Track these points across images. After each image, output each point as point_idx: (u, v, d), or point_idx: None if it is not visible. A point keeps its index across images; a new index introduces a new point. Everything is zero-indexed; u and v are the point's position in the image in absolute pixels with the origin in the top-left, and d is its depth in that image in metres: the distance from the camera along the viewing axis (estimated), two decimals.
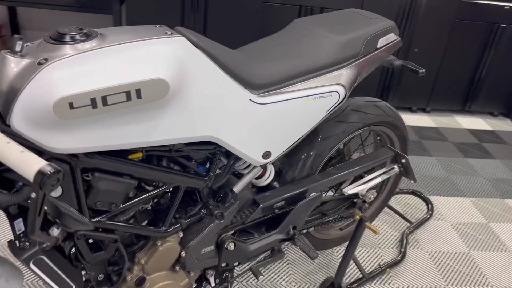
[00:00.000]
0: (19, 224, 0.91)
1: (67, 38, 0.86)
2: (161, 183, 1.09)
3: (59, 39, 0.86)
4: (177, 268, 1.22)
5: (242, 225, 1.32)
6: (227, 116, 1.07)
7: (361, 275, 1.77)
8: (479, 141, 3.06)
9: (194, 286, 1.37)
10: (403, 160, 1.60)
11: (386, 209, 2.22)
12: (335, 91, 1.23)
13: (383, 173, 1.61)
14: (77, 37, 0.87)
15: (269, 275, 1.77)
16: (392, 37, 1.37)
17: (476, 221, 2.23)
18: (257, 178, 1.37)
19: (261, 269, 1.74)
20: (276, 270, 1.80)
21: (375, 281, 1.80)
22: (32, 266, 0.91)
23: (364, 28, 1.30)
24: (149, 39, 0.91)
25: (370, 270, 1.82)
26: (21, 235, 0.92)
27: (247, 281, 1.73)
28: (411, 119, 3.28)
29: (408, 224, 2.12)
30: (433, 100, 3.31)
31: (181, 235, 1.19)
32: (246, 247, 1.31)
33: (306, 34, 1.28)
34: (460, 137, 3.09)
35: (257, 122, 1.13)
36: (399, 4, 2.91)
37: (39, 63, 0.82)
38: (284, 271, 1.80)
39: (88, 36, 0.88)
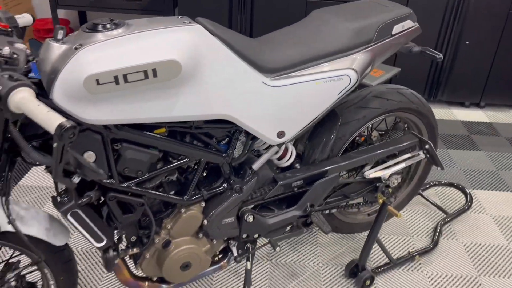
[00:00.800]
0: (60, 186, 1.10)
1: (99, 28, 1.03)
2: (183, 156, 1.23)
3: (93, 28, 1.03)
4: (200, 235, 1.35)
5: (262, 201, 1.43)
6: (241, 96, 1.19)
7: (388, 260, 1.81)
8: None
9: (220, 256, 1.50)
10: (427, 146, 1.62)
11: (422, 200, 2.22)
12: (346, 75, 1.30)
13: (407, 158, 1.65)
14: (107, 26, 1.03)
15: (299, 256, 1.86)
16: (408, 24, 1.41)
17: None
18: (279, 159, 1.47)
19: (280, 243, 1.83)
20: (305, 251, 1.88)
21: (403, 267, 1.83)
22: (69, 217, 1.09)
23: (378, 15, 1.37)
24: (168, 27, 1.06)
25: (399, 257, 1.85)
26: (62, 192, 1.10)
27: (277, 259, 1.83)
28: (462, 114, 3.20)
29: (444, 215, 2.10)
30: (487, 94, 3.19)
31: (203, 205, 1.32)
32: (264, 220, 1.42)
33: (321, 23, 1.37)
34: None
35: (270, 103, 1.24)
36: None
37: (75, 48, 0.99)
38: (313, 252, 1.88)
39: (116, 26, 1.05)
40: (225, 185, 1.35)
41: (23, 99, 0.79)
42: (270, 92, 1.23)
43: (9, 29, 1.06)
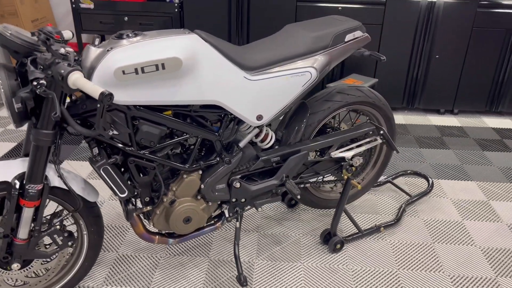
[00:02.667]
0: (95, 149, 1.50)
1: (124, 36, 1.46)
2: (184, 133, 1.63)
3: (119, 37, 1.46)
4: (199, 197, 1.74)
5: (248, 172, 1.82)
6: (228, 87, 1.60)
7: (357, 231, 2.18)
8: (501, 138, 3.29)
9: (215, 220, 1.88)
10: (381, 132, 2.01)
11: (392, 187, 2.59)
12: (308, 72, 1.71)
13: (367, 142, 2.04)
14: (129, 35, 1.46)
15: (283, 229, 2.23)
16: (358, 33, 1.83)
17: (477, 198, 2.52)
18: (262, 141, 1.87)
19: (267, 219, 2.20)
20: (288, 225, 2.25)
21: (369, 238, 2.19)
22: (101, 171, 1.49)
23: (333, 27, 1.79)
24: (173, 35, 1.48)
25: (367, 228, 2.21)
26: (96, 154, 1.50)
27: (264, 231, 2.20)
28: (437, 120, 3.58)
29: (408, 198, 2.47)
30: (459, 102, 3.59)
31: (201, 173, 1.72)
32: (249, 187, 1.80)
33: (290, 33, 1.79)
34: (483, 134, 3.34)
35: (250, 93, 1.65)
36: (418, 16, 3.30)
37: (107, 50, 1.41)
38: (295, 226, 2.25)
39: (136, 35, 1.47)
40: (218, 158, 1.74)
41: (77, 78, 1.20)
42: (250, 85, 1.64)
43: (60, 39, 1.48)
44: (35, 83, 1.23)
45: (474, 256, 2.07)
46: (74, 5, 3.35)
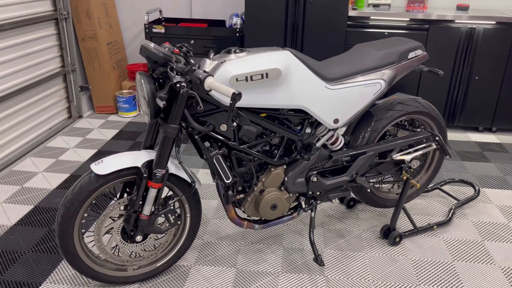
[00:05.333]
0: (206, 143, 1.83)
1: (232, 51, 1.80)
2: (273, 132, 1.95)
3: (228, 52, 1.80)
4: (282, 188, 2.04)
5: (322, 169, 2.12)
6: (311, 94, 1.92)
7: (412, 227, 2.43)
8: None
9: (292, 211, 2.17)
10: (437, 138, 2.29)
11: (441, 193, 2.84)
12: (378, 83, 2.02)
13: (423, 147, 2.32)
14: (237, 51, 1.80)
15: (345, 225, 2.50)
16: (419, 52, 2.14)
17: None
18: (332, 144, 2.17)
19: (329, 216, 2.47)
20: (350, 223, 2.52)
21: (424, 234, 2.43)
22: (214, 160, 1.81)
23: (398, 46, 2.10)
24: (271, 51, 1.82)
25: (421, 226, 2.46)
26: (208, 146, 1.83)
27: (329, 226, 2.47)
28: (476, 137, 3.82)
29: (457, 202, 2.71)
30: (497, 121, 3.83)
31: (285, 167, 2.02)
32: (324, 182, 2.10)
33: (361, 52, 2.11)
34: None
35: (329, 99, 1.96)
36: (458, 40, 3.59)
37: (221, 62, 1.75)
38: (356, 224, 2.52)
39: (242, 51, 1.81)
40: (299, 156, 2.05)
41: (212, 82, 1.53)
42: (329, 93, 1.96)
43: (180, 54, 1.83)
44: (178, 85, 1.57)
45: None
46: (147, 30, 3.77)
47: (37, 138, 3.48)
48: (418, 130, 2.40)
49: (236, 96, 1.48)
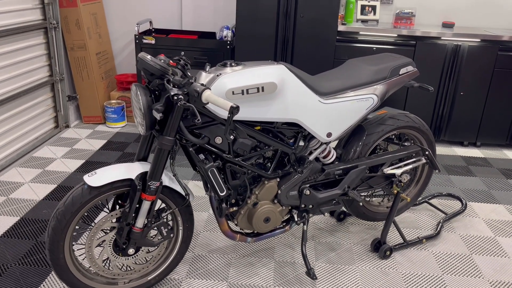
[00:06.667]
0: (200, 155, 1.83)
1: (228, 65, 1.81)
2: (267, 145, 1.96)
3: (224, 65, 1.81)
4: (275, 201, 2.05)
5: (315, 182, 2.13)
6: (306, 109, 1.93)
7: (402, 241, 2.45)
8: None
9: (284, 224, 2.17)
10: (427, 153, 2.33)
11: (429, 206, 2.87)
12: (371, 97, 2.05)
13: (413, 161, 2.35)
14: (233, 64, 1.81)
15: (336, 238, 2.51)
16: (410, 68, 2.18)
17: (506, 219, 2.79)
18: (324, 157, 2.19)
19: (319, 230, 2.49)
20: (340, 236, 2.53)
21: (414, 248, 2.46)
22: (209, 172, 1.80)
23: (390, 62, 2.14)
24: (266, 65, 1.83)
25: (410, 239, 2.48)
26: (203, 159, 1.82)
27: (319, 239, 2.48)
28: (461, 151, 3.89)
29: (444, 215, 2.75)
30: (481, 136, 3.91)
31: (278, 180, 2.03)
32: (317, 195, 2.11)
33: (354, 67, 2.15)
34: (506, 165, 3.64)
35: (322, 113, 1.98)
36: (444, 57, 3.68)
37: (217, 75, 1.76)
38: (347, 237, 2.53)
39: (238, 64, 1.82)
40: (292, 169, 2.06)
41: (209, 95, 1.54)
42: (323, 107, 1.98)
43: (177, 66, 1.83)
44: (175, 98, 1.57)
45: (508, 266, 2.33)
46: (137, 41, 3.77)
47: (23, 147, 3.42)
48: (407, 144, 2.43)
49: (234, 110, 1.48)
